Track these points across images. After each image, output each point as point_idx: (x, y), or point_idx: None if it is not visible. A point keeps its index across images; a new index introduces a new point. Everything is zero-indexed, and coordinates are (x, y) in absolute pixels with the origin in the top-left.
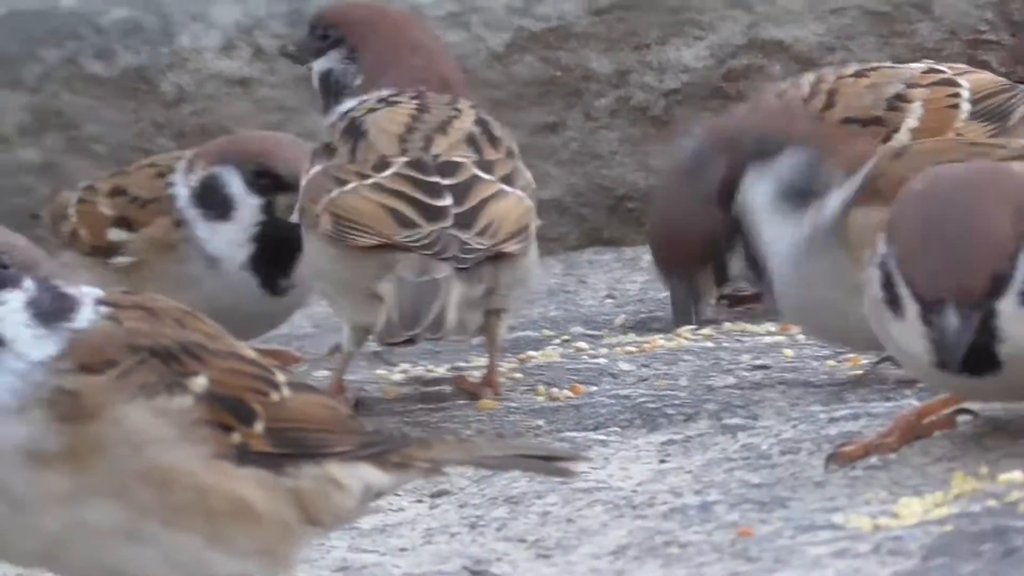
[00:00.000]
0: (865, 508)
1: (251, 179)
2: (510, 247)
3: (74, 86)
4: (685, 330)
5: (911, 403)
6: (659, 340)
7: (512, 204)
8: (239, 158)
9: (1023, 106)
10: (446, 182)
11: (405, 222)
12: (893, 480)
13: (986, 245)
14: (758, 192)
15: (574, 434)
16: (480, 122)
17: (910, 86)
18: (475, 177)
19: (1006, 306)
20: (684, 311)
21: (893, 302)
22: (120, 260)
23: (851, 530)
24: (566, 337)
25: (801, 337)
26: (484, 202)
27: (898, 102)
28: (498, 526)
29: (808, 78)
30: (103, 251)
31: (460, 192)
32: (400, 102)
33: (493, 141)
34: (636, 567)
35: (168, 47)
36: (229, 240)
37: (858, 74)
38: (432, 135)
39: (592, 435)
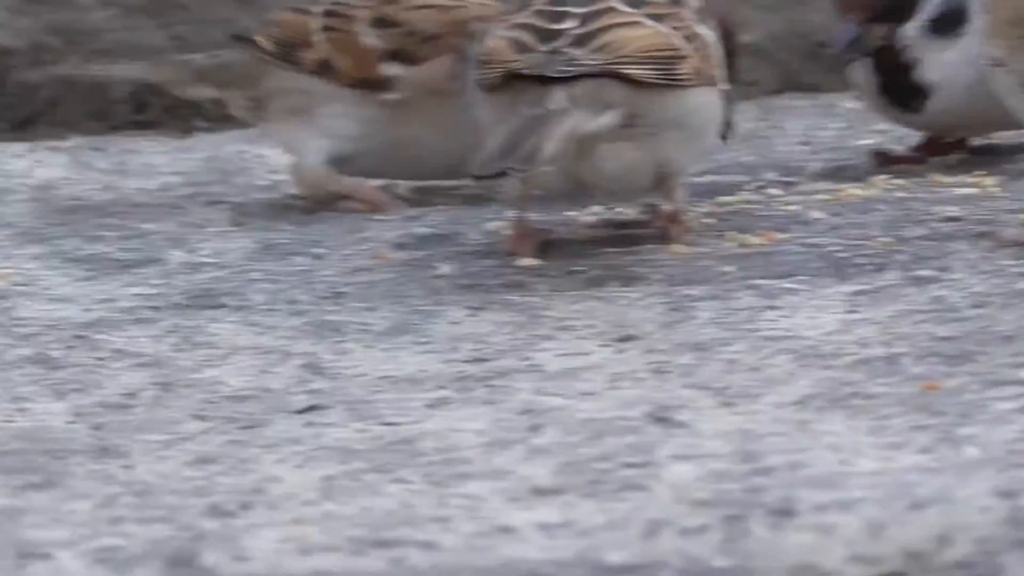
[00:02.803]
0: None
1: None
2: (634, 70)
3: None
4: (880, 179)
5: None
6: (852, 189)
7: (647, 32)
8: None
9: None
10: (578, 10)
11: (523, 48)
12: None
13: None
14: None
15: (763, 281)
16: None
17: None
18: (611, 8)
19: None
20: (846, 53)
21: None
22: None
23: None
24: (759, 183)
25: (995, 189)
26: (611, 26)
27: None
28: (683, 372)
29: None
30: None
31: (588, 17)
32: None
33: None
34: (820, 417)
35: None
36: None
37: None
38: None
39: (781, 283)
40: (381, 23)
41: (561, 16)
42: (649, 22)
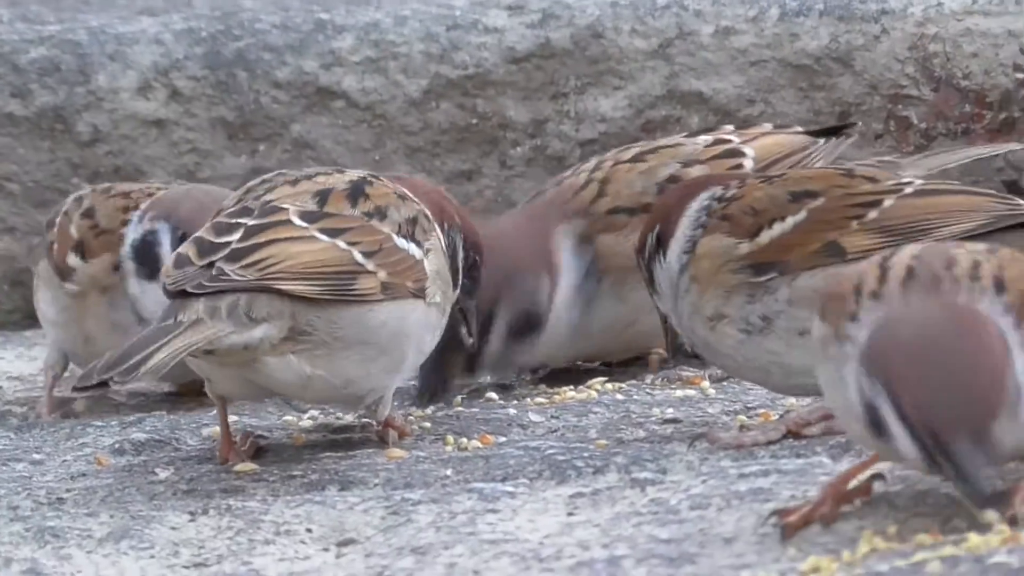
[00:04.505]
0: (774, 565)
1: (179, 242)
2: (289, 285)
3: None
4: (596, 382)
5: (821, 460)
6: (569, 392)
7: (316, 248)
8: (175, 218)
9: (820, 163)
10: (250, 222)
11: (183, 262)
12: (802, 537)
13: (993, 384)
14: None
15: (482, 485)
16: (361, 182)
17: (687, 164)
18: (281, 222)
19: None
20: (430, 392)
21: (879, 428)
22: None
23: None
24: (475, 387)
25: (712, 391)
26: (273, 241)
27: (670, 184)
28: None
29: (588, 166)
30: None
31: (252, 231)
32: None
33: (356, 198)
34: None
35: (85, 87)
36: (156, 300)
37: (636, 158)
38: (279, 185)
39: (500, 486)
40: (86, 214)
41: (231, 228)
42: (323, 237)
